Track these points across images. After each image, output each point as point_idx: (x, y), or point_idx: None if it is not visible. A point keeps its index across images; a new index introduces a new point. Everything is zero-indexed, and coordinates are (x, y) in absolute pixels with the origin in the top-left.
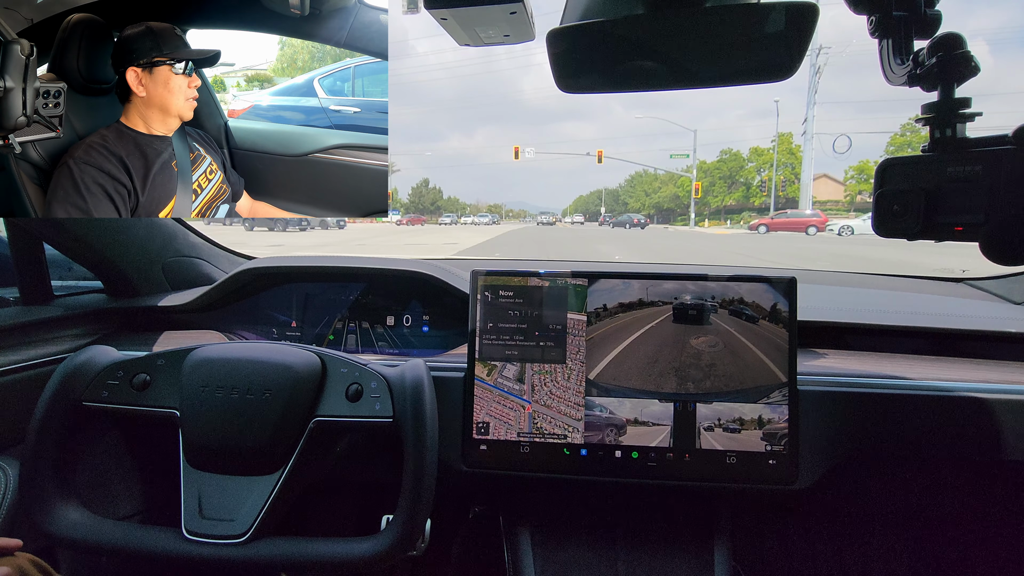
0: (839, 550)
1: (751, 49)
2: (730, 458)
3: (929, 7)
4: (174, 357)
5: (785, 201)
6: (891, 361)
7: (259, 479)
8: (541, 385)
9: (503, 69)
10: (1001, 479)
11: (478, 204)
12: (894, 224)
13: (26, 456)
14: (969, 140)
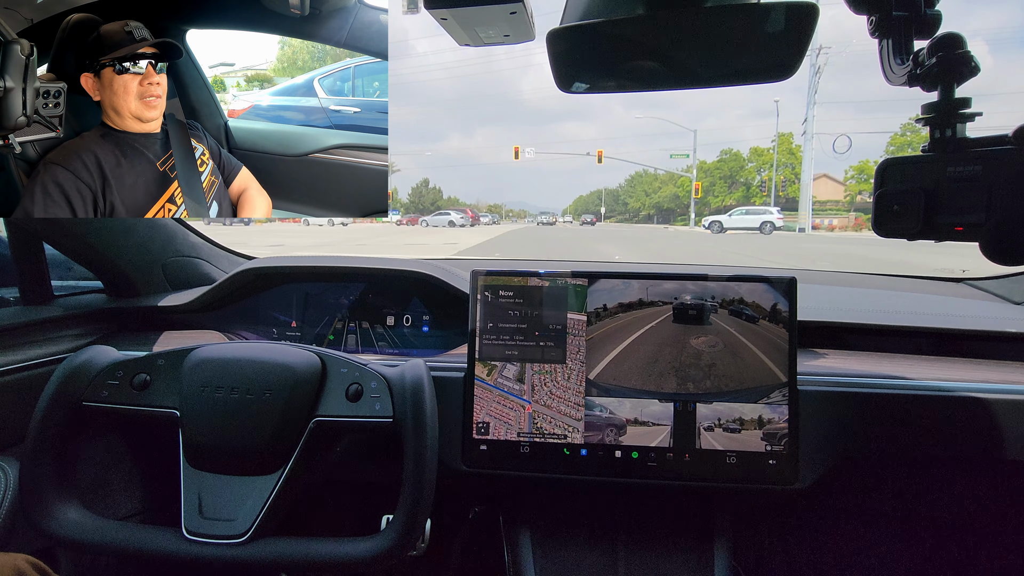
0: (839, 550)
1: (751, 49)
2: (730, 458)
3: (929, 7)
4: (174, 357)
5: (785, 201)
6: (891, 361)
7: (259, 479)
8: (541, 385)
9: (503, 69)
10: (1001, 479)
11: (478, 204)
12: (894, 224)
13: (26, 456)
14: (969, 140)
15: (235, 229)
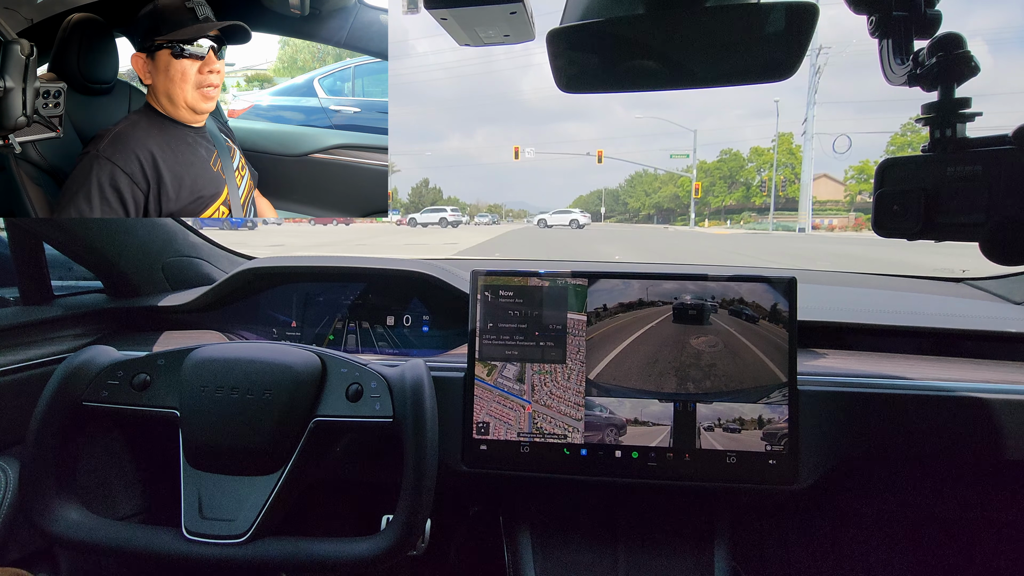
0: (839, 550)
1: (751, 49)
2: (730, 458)
3: (929, 7)
4: (174, 357)
5: (785, 201)
6: (891, 361)
7: (259, 479)
8: (541, 385)
9: (503, 69)
10: (1001, 479)
11: (478, 204)
12: (894, 224)
13: (26, 456)
14: (969, 140)
15: (235, 228)
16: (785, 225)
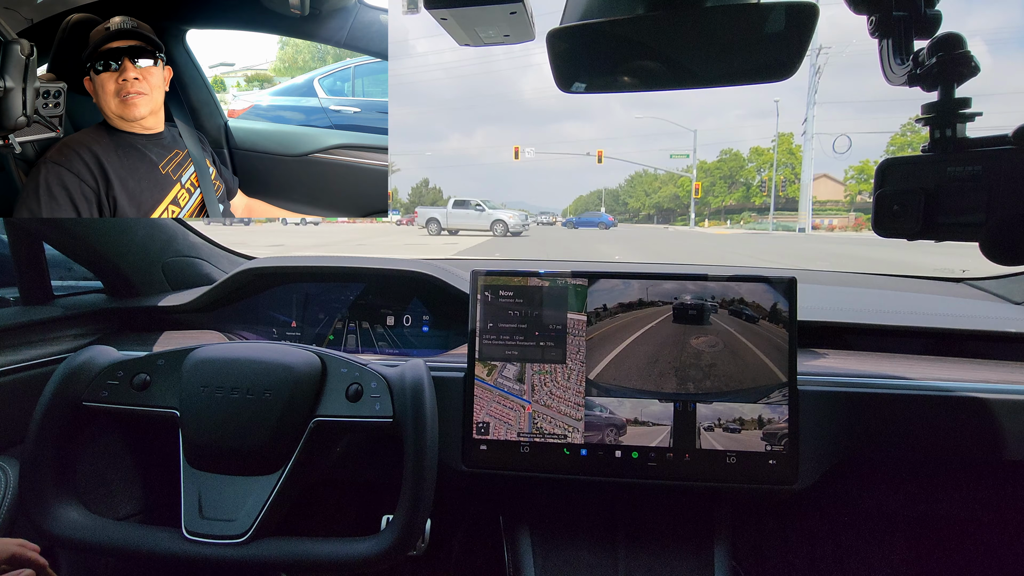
0: (839, 550)
1: (751, 49)
2: (730, 458)
3: (929, 7)
4: (174, 357)
5: (785, 201)
6: (891, 361)
7: (259, 479)
8: (541, 385)
9: (503, 69)
10: (1001, 479)
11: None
12: (894, 224)
13: (26, 456)
14: (969, 140)
15: (235, 229)
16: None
